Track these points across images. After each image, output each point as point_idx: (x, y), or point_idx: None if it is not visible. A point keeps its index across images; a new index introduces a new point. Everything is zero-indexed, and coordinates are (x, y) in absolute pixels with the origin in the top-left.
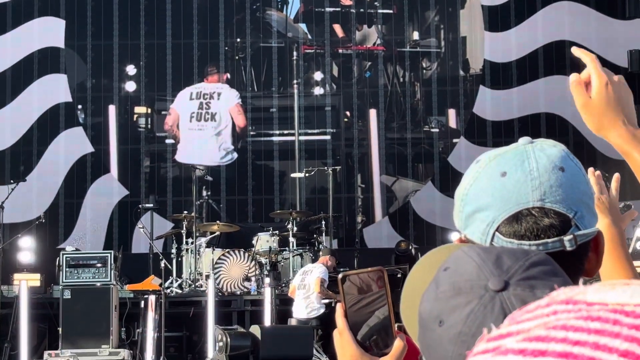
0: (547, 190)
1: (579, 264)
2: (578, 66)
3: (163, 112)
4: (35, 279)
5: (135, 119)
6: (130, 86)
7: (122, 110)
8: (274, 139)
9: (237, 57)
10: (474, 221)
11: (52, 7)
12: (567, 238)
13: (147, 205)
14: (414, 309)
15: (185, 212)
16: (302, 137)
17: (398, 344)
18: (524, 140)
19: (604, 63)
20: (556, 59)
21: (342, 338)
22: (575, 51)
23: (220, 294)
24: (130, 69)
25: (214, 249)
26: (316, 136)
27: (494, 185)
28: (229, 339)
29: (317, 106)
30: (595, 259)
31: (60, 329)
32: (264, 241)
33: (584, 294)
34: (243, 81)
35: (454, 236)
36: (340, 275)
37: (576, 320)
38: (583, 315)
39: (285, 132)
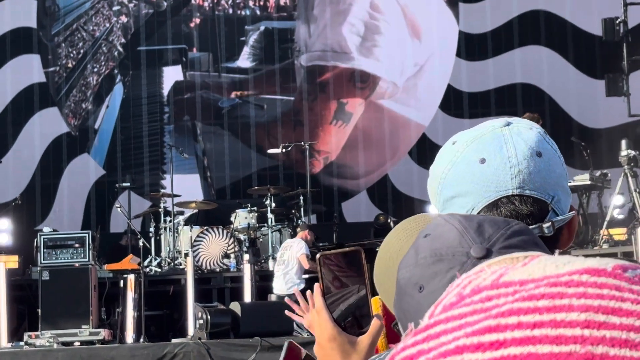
0: (525, 177)
1: (554, 242)
2: (552, 36)
3: None
4: (13, 261)
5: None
6: None
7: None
8: (252, 113)
9: None
10: (452, 205)
11: None
12: (545, 225)
13: (124, 184)
14: (389, 274)
15: (163, 190)
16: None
17: (375, 323)
18: (500, 122)
19: (578, 31)
20: (531, 29)
21: (319, 317)
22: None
23: (199, 271)
24: None
25: (192, 227)
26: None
27: (473, 172)
28: (209, 316)
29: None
30: (568, 235)
31: (39, 311)
32: (242, 218)
33: (507, 274)
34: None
35: (432, 209)
36: (318, 255)
37: (521, 303)
38: (524, 296)
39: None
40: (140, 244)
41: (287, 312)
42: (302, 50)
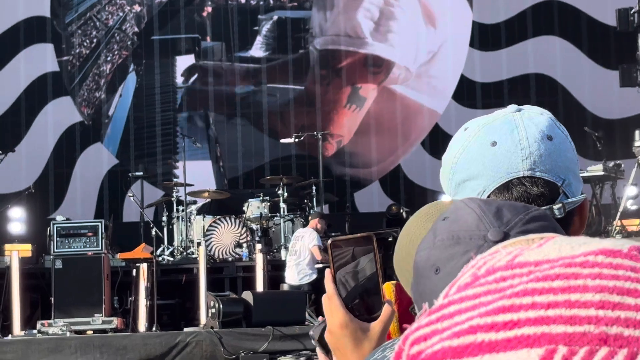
0: (536, 159)
1: (565, 228)
2: (566, 27)
3: None
4: (26, 250)
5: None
6: None
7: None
8: (264, 101)
9: None
10: (464, 189)
11: None
12: (556, 207)
13: (137, 173)
14: (409, 260)
15: (175, 179)
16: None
17: (387, 310)
18: (511, 108)
19: (593, 22)
20: (544, 19)
21: (330, 303)
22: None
23: (212, 260)
24: None
25: (204, 216)
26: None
27: (485, 155)
28: (221, 305)
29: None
30: (579, 223)
31: (52, 299)
32: (254, 207)
33: (522, 255)
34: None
35: (444, 198)
36: (329, 241)
37: (535, 283)
38: (539, 277)
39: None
40: (153, 232)
41: None
42: (317, 34)
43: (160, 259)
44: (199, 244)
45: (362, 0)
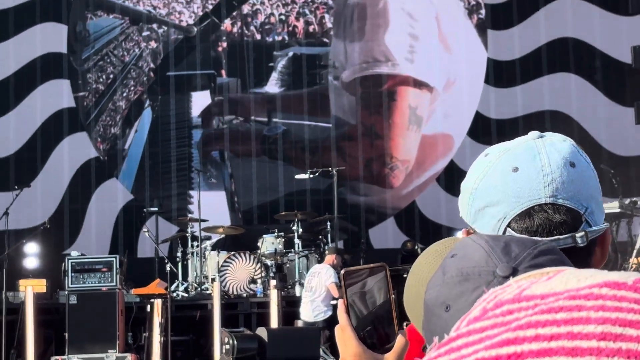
0: (559, 186)
1: (586, 257)
2: (581, 64)
3: None
4: (41, 285)
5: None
6: None
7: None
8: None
9: None
10: (484, 216)
11: (54, 13)
12: (579, 235)
13: (152, 209)
14: (419, 298)
15: (190, 215)
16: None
17: (400, 340)
18: (533, 134)
19: (608, 59)
20: (560, 56)
21: (344, 334)
22: None
23: (226, 296)
24: None
25: (219, 252)
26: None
27: (506, 181)
28: (235, 342)
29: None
30: (601, 253)
31: (66, 335)
32: (269, 243)
33: (529, 288)
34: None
35: (459, 235)
36: (342, 272)
37: (540, 316)
38: (543, 309)
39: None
40: (168, 268)
41: None
42: (343, 67)
43: (174, 294)
44: (213, 279)
45: (388, 26)
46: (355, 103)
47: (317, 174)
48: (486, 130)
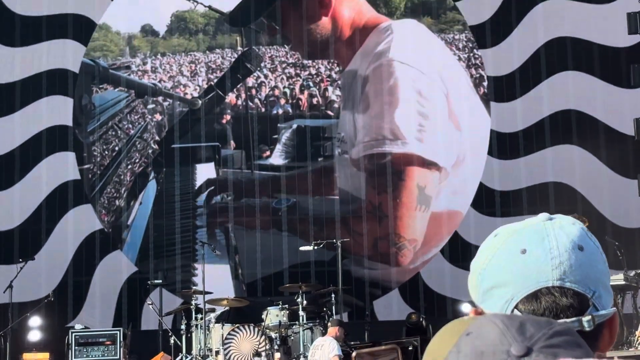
0: (567, 269)
1: (594, 341)
2: (584, 135)
3: None
4: (44, 358)
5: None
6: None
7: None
8: (282, 209)
9: None
10: (492, 296)
11: (60, 86)
12: (585, 319)
13: (156, 281)
14: None
15: (194, 287)
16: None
17: None
18: (543, 216)
19: (610, 131)
20: (563, 128)
21: None
22: None
23: None
24: None
25: (223, 324)
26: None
27: (514, 262)
28: None
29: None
30: (609, 336)
31: None
32: (273, 315)
33: None
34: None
35: (464, 307)
36: (354, 354)
37: None
38: None
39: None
40: (172, 341)
41: None
42: (351, 141)
43: None
44: (217, 352)
45: (398, 103)
46: (362, 178)
47: (321, 245)
48: (490, 202)
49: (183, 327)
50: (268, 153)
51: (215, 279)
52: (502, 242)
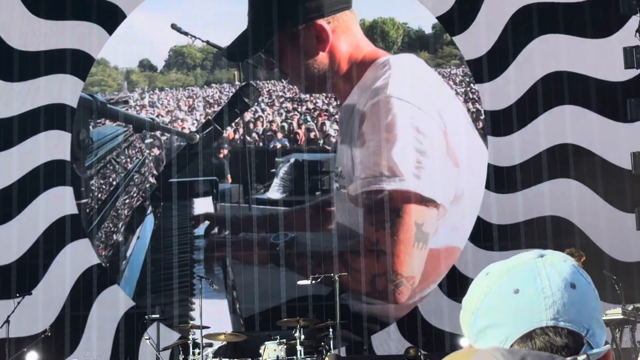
0: (560, 308)
1: None
2: (581, 169)
3: None
4: None
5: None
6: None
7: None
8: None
9: None
10: (485, 336)
11: (58, 121)
12: (580, 358)
13: (153, 316)
14: None
15: (192, 322)
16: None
17: None
18: (534, 253)
19: (608, 165)
20: (560, 162)
21: None
22: None
23: None
24: None
25: (220, 359)
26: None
27: (507, 303)
28: None
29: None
30: None
31: None
32: (271, 350)
33: None
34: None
35: (462, 342)
36: None
37: None
38: None
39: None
40: None
41: None
42: (349, 176)
43: None
44: None
45: (396, 140)
46: (360, 214)
47: (319, 280)
48: (488, 236)
49: None
50: (263, 191)
51: (213, 314)
52: (494, 281)
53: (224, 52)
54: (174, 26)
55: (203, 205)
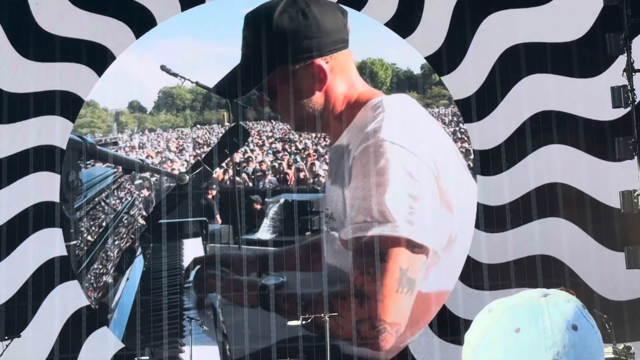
0: (560, 350)
1: None
2: (570, 208)
3: None
4: None
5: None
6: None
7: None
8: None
9: None
10: None
11: (48, 162)
12: None
13: (143, 357)
14: None
15: None
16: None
17: None
18: (537, 292)
19: (597, 204)
20: (549, 201)
21: None
22: None
23: None
24: None
25: None
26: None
27: (507, 342)
28: None
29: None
30: None
31: None
32: None
33: None
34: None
35: None
36: None
37: None
38: None
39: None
40: None
41: None
42: (340, 219)
43: None
44: None
45: (388, 184)
46: (349, 256)
47: (309, 320)
48: (478, 276)
49: None
50: (254, 229)
51: (203, 355)
52: (496, 319)
53: (212, 88)
54: (163, 67)
55: (193, 246)
